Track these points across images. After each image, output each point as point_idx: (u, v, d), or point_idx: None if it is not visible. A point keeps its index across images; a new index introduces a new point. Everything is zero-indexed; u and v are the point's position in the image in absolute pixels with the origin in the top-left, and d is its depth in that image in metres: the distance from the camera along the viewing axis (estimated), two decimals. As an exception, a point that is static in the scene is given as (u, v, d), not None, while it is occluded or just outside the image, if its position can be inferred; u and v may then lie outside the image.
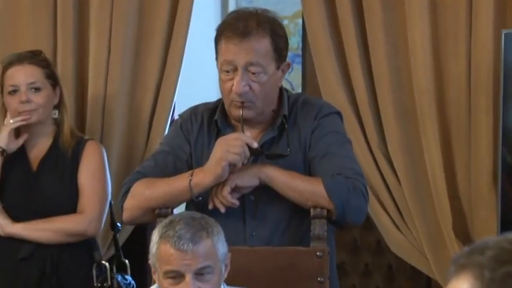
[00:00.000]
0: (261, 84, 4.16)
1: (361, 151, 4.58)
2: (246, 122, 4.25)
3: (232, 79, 4.14)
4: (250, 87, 4.15)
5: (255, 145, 4.03)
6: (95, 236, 4.99)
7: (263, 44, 4.16)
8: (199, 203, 4.08)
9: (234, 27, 4.17)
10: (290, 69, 4.90)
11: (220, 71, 4.21)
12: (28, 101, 4.83)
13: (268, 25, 4.19)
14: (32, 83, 4.86)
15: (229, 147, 4.02)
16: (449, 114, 4.94)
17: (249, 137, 4.06)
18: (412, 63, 4.96)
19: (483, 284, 1.59)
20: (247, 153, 4.02)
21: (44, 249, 4.83)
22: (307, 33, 5.34)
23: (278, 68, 4.22)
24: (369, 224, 4.83)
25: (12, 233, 4.80)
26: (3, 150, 4.88)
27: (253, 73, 4.15)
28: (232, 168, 4.03)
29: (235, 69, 4.14)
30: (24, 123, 4.84)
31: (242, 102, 4.14)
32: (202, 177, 4.09)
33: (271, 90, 4.24)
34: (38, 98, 4.85)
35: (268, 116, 4.29)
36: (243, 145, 4.01)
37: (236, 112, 4.17)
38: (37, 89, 4.86)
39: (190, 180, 4.11)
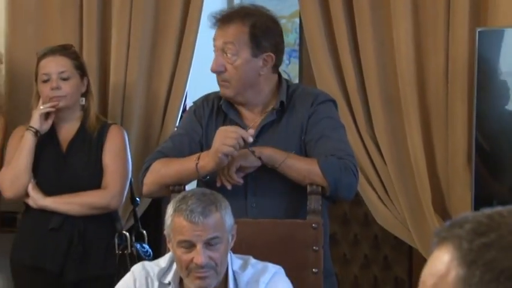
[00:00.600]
0: (235, 66, 4.23)
1: (351, 135, 4.59)
2: (243, 105, 4.33)
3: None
4: (225, 68, 4.23)
5: (251, 140, 4.04)
6: (117, 209, 5.01)
7: (240, 31, 4.24)
8: (208, 181, 4.09)
9: (222, 16, 4.34)
10: (288, 62, 4.95)
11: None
12: (58, 88, 4.87)
13: (252, 19, 4.28)
14: (62, 72, 4.89)
15: (226, 139, 4.04)
16: (429, 102, 4.97)
17: (245, 132, 4.06)
18: (396, 58, 4.98)
19: (462, 253, 1.56)
20: (242, 144, 4.01)
21: (71, 221, 4.87)
22: (304, 31, 5.37)
23: (255, 56, 4.23)
24: (357, 199, 4.85)
25: (44, 206, 4.83)
26: (37, 131, 4.89)
27: (227, 54, 4.22)
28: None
29: (218, 50, 4.26)
30: (53, 109, 4.86)
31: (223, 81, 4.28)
32: (206, 162, 4.14)
33: (248, 74, 4.27)
34: (67, 86, 4.88)
35: (266, 99, 4.33)
36: (238, 138, 4.01)
37: (221, 91, 4.33)
38: (66, 78, 4.89)
39: (197, 163, 4.14)
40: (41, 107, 4.90)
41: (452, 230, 1.60)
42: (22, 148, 4.92)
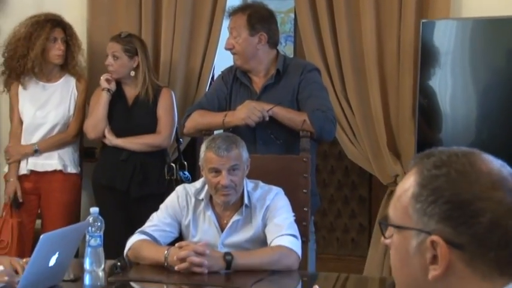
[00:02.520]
0: (239, 44, 4.31)
1: (330, 95, 4.57)
2: (250, 72, 4.36)
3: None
4: (233, 46, 4.32)
5: (267, 119, 4.12)
6: (167, 148, 5.04)
7: (240, 19, 4.31)
8: (230, 130, 4.11)
9: (231, 10, 4.46)
10: (283, 44, 4.97)
11: None
12: (110, 65, 4.90)
13: (249, 10, 4.37)
14: (113, 52, 4.89)
15: (252, 114, 4.11)
16: (386, 73, 4.97)
17: (265, 112, 4.11)
18: (363, 41, 4.97)
19: (420, 178, 1.57)
20: (260, 120, 4.09)
21: (135, 155, 4.90)
22: (297, 22, 5.37)
23: (252, 35, 4.30)
24: (334, 141, 4.84)
25: (116, 144, 4.88)
26: (109, 90, 4.92)
27: (234, 36, 4.32)
28: None
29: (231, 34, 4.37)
30: (110, 77, 4.91)
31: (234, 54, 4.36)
32: (231, 120, 4.20)
33: (248, 48, 4.31)
34: (115, 64, 4.90)
35: (267, 68, 4.35)
36: (260, 116, 4.09)
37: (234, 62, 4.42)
38: (116, 58, 4.89)
39: (224, 119, 4.20)
40: (103, 76, 4.93)
41: (422, 159, 1.60)
42: (100, 103, 4.92)
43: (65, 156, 5.04)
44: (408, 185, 1.60)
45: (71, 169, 5.07)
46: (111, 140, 4.91)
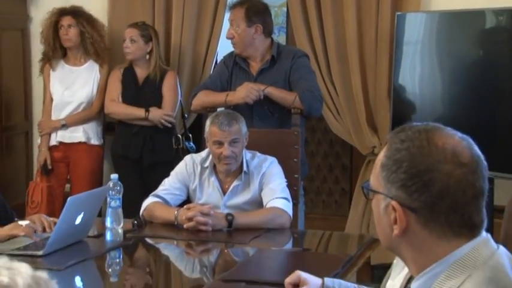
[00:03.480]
0: (238, 34, 4.28)
1: (317, 78, 4.55)
2: (248, 58, 4.33)
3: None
4: (233, 35, 4.28)
5: (262, 97, 4.12)
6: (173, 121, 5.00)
7: (239, 12, 4.27)
8: (231, 107, 4.10)
9: (232, 4, 4.47)
10: (276, 34, 4.97)
11: None
12: (127, 47, 4.85)
13: (247, 4, 4.31)
14: (131, 36, 4.85)
15: (250, 93, 4.12)
16: (365, 59, 4.95)
17: (261, 92, 4.12)
18: (346, 31, 4.95)
19: (388, 151, 1.59)
20: (257, 99, 4.10)
21: (145, 128, 4.89)
22: (289, 16, 5.31)
23: (249, 26, 4.26)
24: (321, 117, 4.83)
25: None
26: (120, 68, 4.95)
27: (233, 27, 4.27)
28: None
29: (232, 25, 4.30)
30: (129, 57, 4.90)
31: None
32: (232, 99, 4.19)
33: (246, 38, 4.29)
34: (132, 47, 4.87)
35: (262, 54, 4.32)
36: (257, 95, 4.10)
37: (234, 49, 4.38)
38: (133, 41, 4.85)
39: (226, 98, 4.19)
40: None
41: (394, 135, 1.61)
42: (114, 81, 4.93)
43: (88, 130, 5.04)
44: (380, 156, 1.62)
45: (94, 141, 5.07)
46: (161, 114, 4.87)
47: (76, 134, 5.02)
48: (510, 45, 4.42)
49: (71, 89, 5.02)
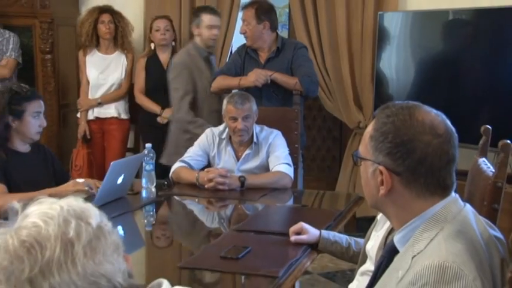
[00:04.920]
0: (249, 29, 4.20)
1: (314, 65, 4.49)
2: (257, 49, 4.24)
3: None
4: (245, 31, 4.20)
5: (269, 81, 4.07)
6: None
7: (250, 12, 4.20)
8: (243, 89, 4.04)
9: (243, 6, 4.37)
10: (280, 30, 4.88)
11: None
12: (164, 35, 4.77)
13: (256, 5, 4.23)
14: (165, 26, 4.79)
15: (259, 78, 4.06)
16: (353, 49, 4.90)
17: (268, 77, 4.06)
18: (337, 27, 4.89)
19: (376, 124, 1.56)
20: (265, 82, 4.05)
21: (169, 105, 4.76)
22: (291, 15, 5.22)
23: (258, 23, 4.18)
24: (316, 97, 4.76)
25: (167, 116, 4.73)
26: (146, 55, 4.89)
27: (245, 24, 4.20)
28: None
29: (244, 22, 4.24)
30: (163, 43, 4.81)
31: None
32: (245, 82, 4.12)
33: (256, 33, 4.20)
34: (167, 34, 4.79)
35: (266, 45, 4.22)
36: (265, 79, 4.06)
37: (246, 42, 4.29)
38: (167, 30, 4.79)
39: (239, 82, 4.14)
40: (152, 44, 4.85)
41: (381, 111, 1.59)
42: (139, 71, 4.86)
43: (119, 107, 4.98)
44: (369, 128, 1.59)
45: (123, 116, 5.01)
46: (165, 117, 4.69)
47: (109, 111, 4.96)
48: (468, 38, 4.38)
49: (104, 73, 4.94)
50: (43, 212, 1.03)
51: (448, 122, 1.55)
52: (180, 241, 2.93)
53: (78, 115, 4.99)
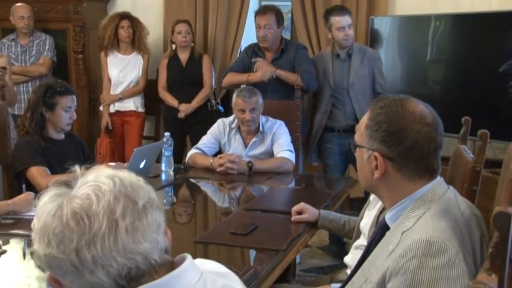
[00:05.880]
0: (271, 33, 4.11)
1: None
2: (265, 49, 4.20)
3: (259, 31, 4.14)
4: (267, 34, 4.09)
5: (274, 77, 4.03)
6: (210, 94, 4.85)
7: (271, 16, 4.11)
8: (251, 84, 4.00)
9: (260, 11, 4.19)
10: (285, 33, 4.84)
11: (257, 29, 4.18)
12: (185, 37, 4.70)
13: (275, 11, 4.17)
14: (187, 30, 4.72)
15: (265, 74, 4.03)
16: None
17: (273, 73, 4.02)
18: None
19: (371, 115, 1.54)
20: (270, 78, 4.02)
21: (188, 100, 4.74)
22: (293, 19, 5.16)
23: (278, 27, 4.14)
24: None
25: (191, 108, 4.69)
26: (168, 56, 4.83)
27: (267, 28, 4.09)
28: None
29: (260, 27, 4.12)
30: (183, 45, 4.74)
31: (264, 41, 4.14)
32: (252, 78, 4.08)
33: (275, 36, 4.15)
34: (188, 37, 4.72)
35: (276, 46, 4.17)
36: (270, 76, 4.02)
37: (263, 44, 4.17)
38: (188, 33, 4.72)
39: (248, 78, 4.09)
40: (173, 45, 4.78)
41: (375, 103, 1.57)
42: (161, 70, 4.82)
43: (136, 101, 4.95)
44: (364, 119, 1.57)
45: (140, 109, 4.98)
46: (187, 109, 4.67)
47: (128, 105, 4.93)
48: (446, 40, 4.36)
49: (123, 71, 4.90)
50: (97, 185, 1.01)
51: (435, 113, 1.53)
52: (195, 218, 2.92)
53: (101, 108, 5.00)
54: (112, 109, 4.94)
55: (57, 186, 1.04)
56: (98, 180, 1.02)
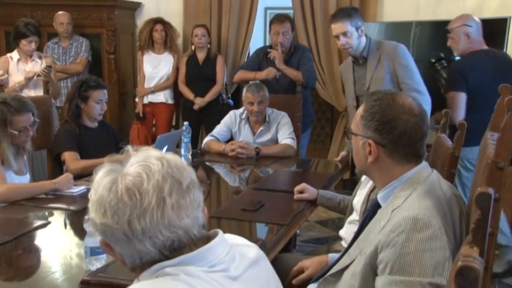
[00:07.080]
0: (287, 39, 4.02)
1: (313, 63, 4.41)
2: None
3: (277, 37, 3.99)
4: (284, 40, 3.98)
5: (278, 76, 3.96)
6: (221, 89, 4.78)
7: (288, 25, 4.03)
8: (259, 80, 3.94)
9: (279, 20, 4.04)
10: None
11: (272, 36, 4.05)
12: (201, 40, 4.62)
13: (289, 19, 4.08)
14: (202, 33, 4.65)
15: (270, 73, 3.94)
16: (343, 52, 4.71)
17: (277, 74, 3.94)
18: (329, 34, 4.62)
19: (366, 107, 1.50)
20: (274, 77, 3.94)
21: (203, 94, 4.65)
22: (295, 23, 5.01)
23: (292, 33, 4.07)
24: (314, 88, 4.65)
25: (205, 101, 4.62)
26: (187, 55, 4.77)
27: (284, 35, 3.99)
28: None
29: (278, 34, 4.00)
30: (200, 46, 4.66)
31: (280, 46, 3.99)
32: (259, 76, 3.99)
33: (290, 41, 4.05)
34: (203, 39, 4.64)
35: (287, 49, 4.07)
36: (274, 75, 3.94)
37: (278, 46, 3.99)
38: (204, 36, 4.63)
39: (255, 75, 4.01)
40: (193, 46, 4.72)
41: (369, 96, 1.58)
42: (181, 67, 4.76)
43: (166, 94, 4.92)
44: (360, 110, 1.54)
45: (169, 101, 4.94)
46: (201, 102, 4.60)
47: (159, 97, 4.89)
48: (426, 44, 4.32)
49: (156, 68, 4.88)
50: (147, 165, 1.00)
51: (422, 105, 1.52)
52: (209, 196, 2.89)
53: (137, 99, 4.98)
54: (145, 100, 4.93)
55: (111, 163, 1.04)
56: (148, 161, 1.01)
